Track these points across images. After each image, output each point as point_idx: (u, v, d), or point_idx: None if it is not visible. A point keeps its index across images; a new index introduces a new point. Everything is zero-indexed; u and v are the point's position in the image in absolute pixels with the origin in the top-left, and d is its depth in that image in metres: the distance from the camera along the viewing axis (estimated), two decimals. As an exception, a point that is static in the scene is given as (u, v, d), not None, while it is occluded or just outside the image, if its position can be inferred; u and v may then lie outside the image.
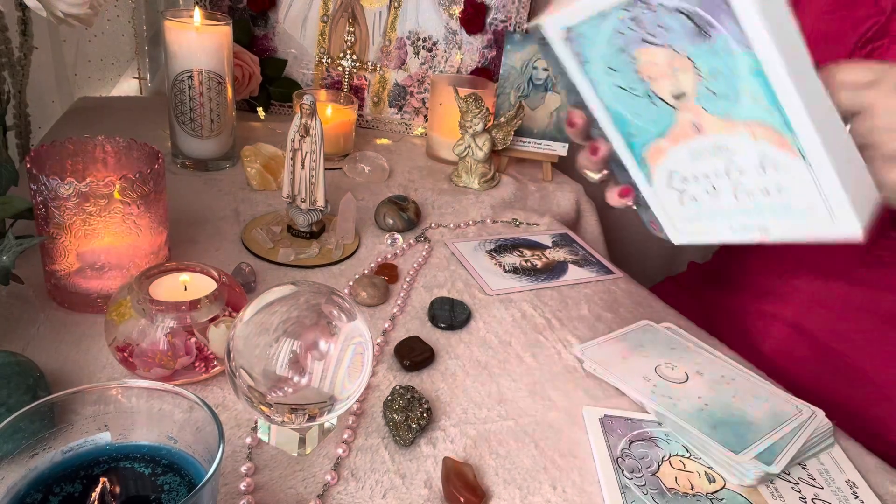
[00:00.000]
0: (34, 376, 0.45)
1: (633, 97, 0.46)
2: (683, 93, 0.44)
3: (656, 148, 0.48)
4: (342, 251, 0.75)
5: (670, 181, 0.49)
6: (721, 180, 0.46)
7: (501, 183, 0.98)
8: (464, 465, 0.48)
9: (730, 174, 0.45)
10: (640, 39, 0.43)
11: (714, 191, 0.47)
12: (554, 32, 0.46)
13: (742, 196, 0.46)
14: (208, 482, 0.31)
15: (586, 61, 0.47)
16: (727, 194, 0.46)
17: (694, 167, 0.47)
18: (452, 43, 1.09)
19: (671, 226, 0.52)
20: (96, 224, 0.55)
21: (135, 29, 1.16)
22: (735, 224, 0.48)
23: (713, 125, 0.44)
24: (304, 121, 0.69)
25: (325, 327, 0.44)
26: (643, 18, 0.42)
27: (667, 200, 0.50)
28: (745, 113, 0.42)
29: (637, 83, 0.46)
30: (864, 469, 0.53)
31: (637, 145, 0.49)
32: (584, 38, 0.45)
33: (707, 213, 0.49)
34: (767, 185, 0.44)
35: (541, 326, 0.67)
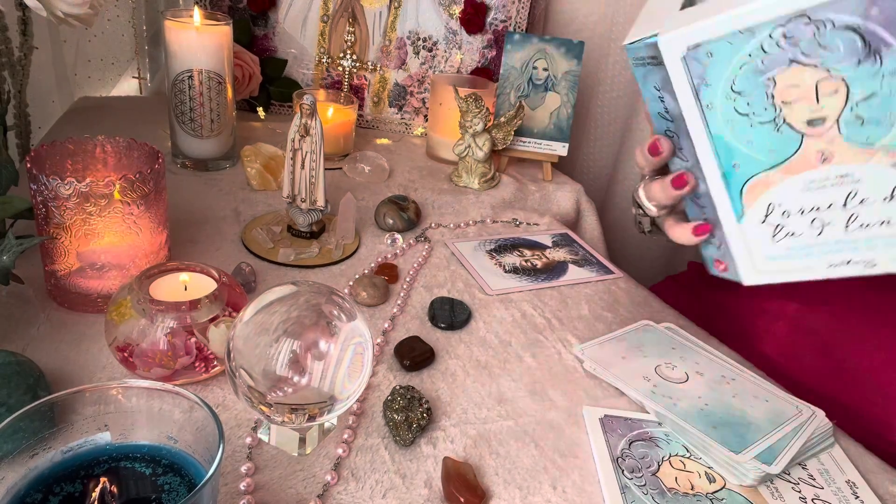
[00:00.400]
0: (34, 376, 0.45)
1: (754, 124, 0.44)
2: (823, 118, 0.42)
3: (763, 180, 0.45)
4: (342, 251, 0.75)
5: (767, 216, 0.47)
6: (833, 212, 0.44)
7: (501, 183, 0.98)
8: (464, 465, 0.48)
9: (847, 205, 0.44)
10: (788, 59, 0.41)
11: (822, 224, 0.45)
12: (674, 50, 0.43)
13: (854, 228, 0.44)
14: (208, 482, 0.31)
15: (706, 84, 0.44)
16: (836, 227, 0.45)
17: (804, 199, 0.45)
18: (452, 43, 1.09)
19: (749, 265, 0.49)
20: (96, 224, 0.55)
21: (135, 29, 1.16)
22: (836, 259, 0.46)
23: (846, 153, 0.42)
24: (304, 121, 0.69)
25: (325, 327, 0.44)
26: (800, 35, 0.39)
27: (755, 237, 0.48)
28: (893, 140, 0.40)
29: (764, 108, 0.43)
30: (864, 469, 0.53)
31: (737, 177, 0.46)
32: (713, 58, 0.42)
33: (803, 250, 0.47)
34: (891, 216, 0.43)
35: (541, 326, 0.67)
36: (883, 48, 0.38)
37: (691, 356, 0.62)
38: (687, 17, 0.43)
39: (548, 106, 0.99)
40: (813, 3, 0.38)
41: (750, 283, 0.50)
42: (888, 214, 0.43)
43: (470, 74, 1.10)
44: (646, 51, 0.44)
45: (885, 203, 0.43)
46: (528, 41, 0.97)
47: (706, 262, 0.52)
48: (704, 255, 0.52)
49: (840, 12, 0.38)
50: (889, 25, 0.37)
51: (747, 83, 0.43)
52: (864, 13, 0.37)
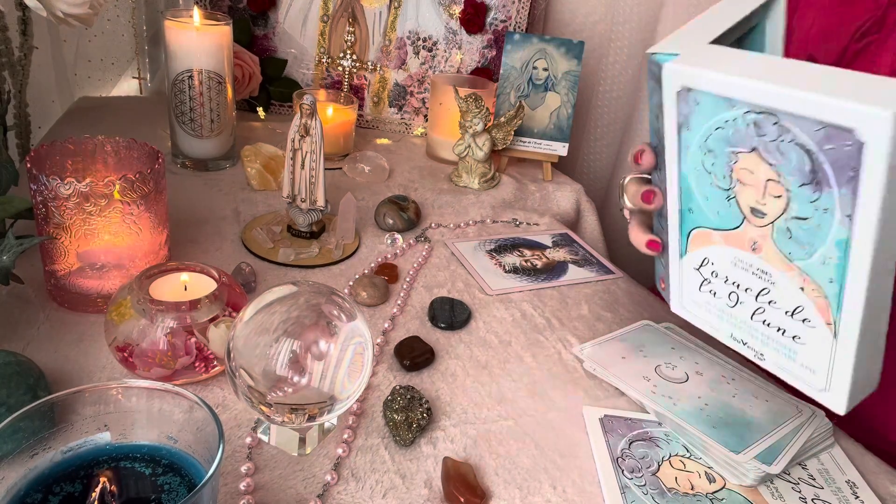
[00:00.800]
0: (34, 376, 0.45)
1: (713, 184, 0.44)
2: (764, 214, 0.42)
3: (706, 235, 0.47)
4: (342, 251, 0.75)
5: (701, 266, 0.48)
6: (748, 297, 0.45)
7: (501, 183, 0.98)
8: (464, 465, 0.48)
9: (759, 298, 0.45)
10: (752, 146, 0.41)
11: (735, 300, 0.46)
12: (672, 81, 0.43)
13: (758, 320, 0.45)
14: (208, 482, 0.31)
15: (687, 127, 0.44)
16: (746, 310, 0.46)
17: (730, 271, 0.46)
18: (452, 43, 1.09)
19: (678, 297, 0.51)
20: (96, 224, 0.55)
21: (135, 29, 1.16)
22: (737, 334, 0.47)
23: (771, 255, 0.43)
24: (304, 121, 0.69)
25: (325, 327, 0.44)
26: (767, 131, 0.40)
27: (687, 278, 0.49)
28: (808, 268, 0.41)
29: (724, 176, 0.43)
30: (864, 469, 0.53)
31: (688, 221, 0.47)
32: (699, 107, 0.43)
33: (716, 310, 0.48)
34: (787, 329, 0.43)
35: (541, 326, 0.67)
36: (825, 184, 0.38)
37: (691, 356, 0.62)
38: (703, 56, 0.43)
39: (548, 106, 0.99)
40: (781, 108, 0.38)
41: (675, 312, 0.52)
42: (785, 326, 0.43)
43: (470, 74, 1.10)
44: (657, 68, 0.45)
45: (785, 315, 0.43)
46: (528, 41, 0.97)
47: (655, 274, 0.54)
48: (656, 268, 0.54)
49: (801, 129, 0.38)
50: (836, 167, 0.37)
51: (717, 146, 0.43)
52: (820, 143, 0.37)
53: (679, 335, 0.66)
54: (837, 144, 0.36)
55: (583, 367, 0.62)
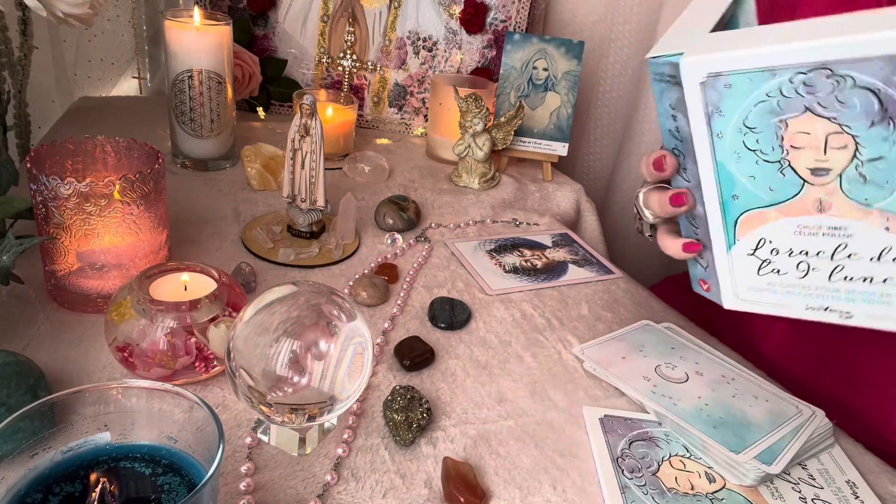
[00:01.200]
0: (34, 376, 0.45)
1: (759, 161, 0.44)
2: (827, 170, 0.42)
3: (759, 216, 0.46)
4: (342, 251, 0.75)
5: (757, 249, 0.47)
6: (821, 260, 0.45)
7: (501, 183, 0.98)
8: (464, 465, 0.48)
9: (835, 257, 0.44)
10: (804, 107, 0.40)
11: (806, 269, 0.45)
12: (695, 75, 0.43)
13: (838, 279, 0.44)
14: (208, 482, 0.31)
15: (719, 113, 0.43)
16: (821, 275, 0.45)
17: (795, 242, 0.45)
18: (452, 43, 1.09)
19: (731, 291, 0.49)
20: (96, 224, 0.55)
21: (135, 29, 1.16)
22: (814, 303, 0.46)
23: (843, 207, 0.42)
24: (304, 121, 0.69)
25: (325, 327, 0.44)
26: (820, 87, 0.39)
27: (741, 267, 0.48)
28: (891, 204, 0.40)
29: (772, 149, 0.43)
30: (864, 469, 0.53)
31: (735, 208, 0.46)
32: (731, 90, 0.42)
33: (785, 288, 0.47)
34: (875, 274, 0.43)
35: (541, 326, 0.67)
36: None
37: (691, 356, 0.62)
38: (714, 43, 0.43)
39: (548, 106, 0.99)
40: (837, 58, 0.38)
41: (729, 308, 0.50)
42: (872, 273, 0.43)
43: (470, 74, 1.10)
44: (667, 68, 0.44)
45: (871, 262, 0.43)
46: (528, 41, 0.97)
47: (692, 279, 0.53)
48: (691, 272, 0.52)
49: (862, 72, 0.38)
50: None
51: (760, 121, 0.42)
52: (886, 78, 0.37)
53: (679, 335, 0.66)
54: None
55: (583, 367, 0.62)
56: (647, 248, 1.28)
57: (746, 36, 0.42)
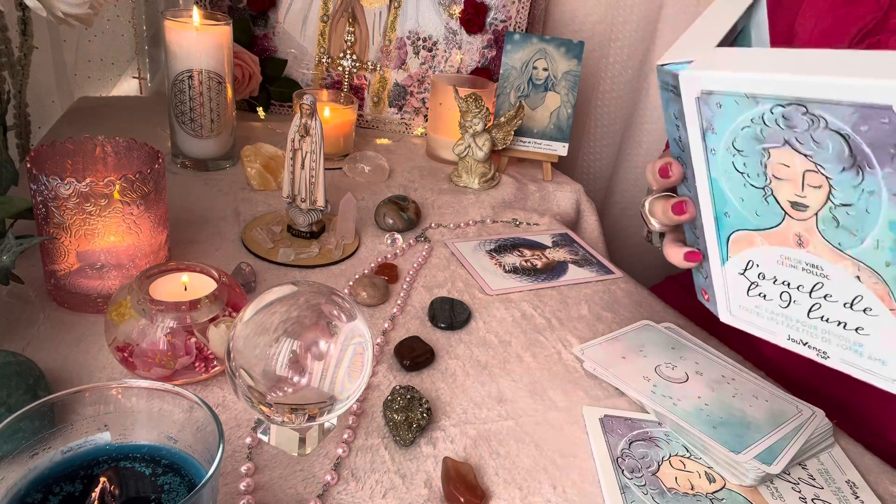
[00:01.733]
0: (34, 376, 0.45)
1: (747, 185, 0.43)
2: (806, 206, 0.41)
3: (747, 238, 0.45)
4: (342, 251, 0.75)
5: (746, 270, 0.47)
6: (801, 294, 0.44)
7: (501, 183, 0.98)
8: (464, 465, 0.48)
9: (813, 294, 0.44)
10: (783, 139, 0.40)
11: (788, 300, 0.45)
12: (690, 88, 0.43)
13: (816, 317, 0.44)
14: (208, 482, 0.31)
15: (712, 131, 0.43)
16: (801, 309, 0.45)
17: (778, 271, 0.45)
18: (452, 43, 1.09)
19: (725, 306, 0.50)
20: (96, 224, 0.55)
21: (135, 29, 1.16)
22: (795, 336, 0.46)
23: (819, 247, 0.42)
24: (304, 121, 0.69)
25: (325, 327, 0.44)
26: (797, 122, 0.39)
27: (733, 284, 0.48)
28: (861, 254, 0.40)
29: (758, 174, 0.43)
30: (864, 469, 0.53)
31: (727, 225, 0.46)
32: (722, 110, 0.42)
33: (769, 313, 0.47)
34: (849, 321, 0.42)
35: (541, 326, 0.67)
36: (866, 166, 0.37)
37: (691, 356, 0.62)
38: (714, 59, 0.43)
39: (548, 106, 0.99)
40: (811, 97, 0.37)
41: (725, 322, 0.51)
42: (846, 319, 0.43)
43: (470, 74, 1.10)
44: (670, 78, 0.44)
45: (844, 308, 0.42)
46: (528, 41, 0.97)
47: (696, 287, 0.53)
48: (695, 280, 0.53)
49: (833, 115, 0.37)
50: (875, 147, 0.36)
51: (746, 145, 0.42)
52: (855, 126, 0.36)
53: (679, 335, 0.66)
54: (874, 124, 0.35)
55: (583, 367, 0.62)
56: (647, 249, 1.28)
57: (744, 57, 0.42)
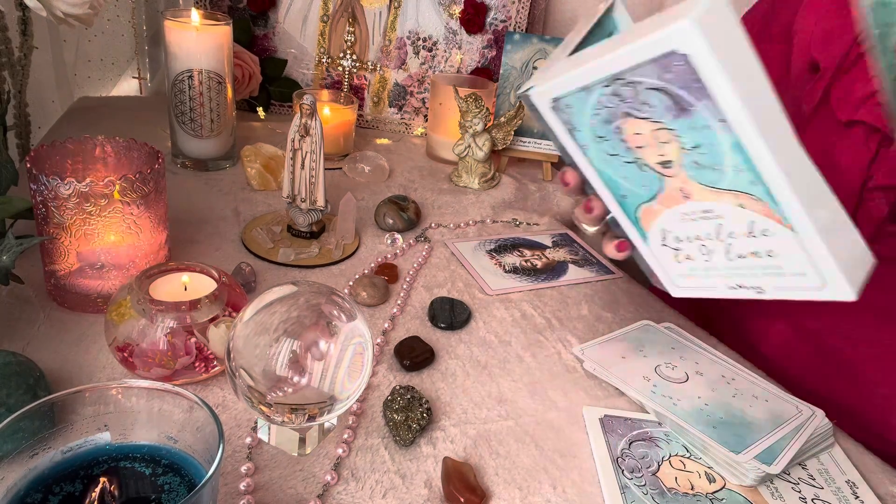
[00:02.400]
0: (34, 376, 0.45)
1: (623, 163, 0.47)
2: (670, 161, 0.44)
3: (649, 210, 0.49)
4: (342, 251, 0.75)
5: (664, 240, 0.50)
6: (713, 242, 0.47)
7: (501, 183, 0.98)
8: (464, 465, 0.48)
9: (721, 237, 0.46)
10: (624, 112, 0.44)
11: (707, 251, 0.47)
12: (542, 102, 0.47)
13: (734, 258, 0.46)
14: (208, 482, 0.31)
15: (575, 129, 0.47)
16: (720, 255, 0.47)
17: (686, 229, 0.47)
18: (452, 43, 1.09)
19: (669, 281, 0.53)
20: (96, 224, 0.55)
21: (135, 29, 1.16)
22: (731, 282, 0.48)
23: (701, 193, 0.44)
24: (304, 121, 0.69)
25: (325, 327, 0.44)
26: (624, 93, 0.42)
27: (663, 257, 0.51)
28: (731, 183, 0.42)
29: (625, 151, 0.46)
30: (864, 469, 0.53)
31: (629, 206, 0.50)
32: (572, 109, 0.46)
33: (702, 272, 0.49)
34: (758, 250, 0.44)
35: (541, 326, 0.67)
36: (688, 106, 0.40)
37: (691, 356, 0.62)
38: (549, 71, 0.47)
39: (548, 106, 0.99)
40: (619, 69, 0.41)
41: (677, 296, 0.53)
42: (755, 248, 0.45)
43: (470, 74, 1.10)
44: (526, 100, 0.49)
45: (749, 238, 0.44)
46: (528, 41, 0.97)
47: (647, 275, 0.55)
48: (643, 268, 0.55)
49: (643, 76, 0.41)
50: (685, 88, 0.39)
51: (603, 130, 0.46)
52: (660, 77, 0.40)
53: (679, 335, 0.66)
54: (673, 69, 0.39)
55: (582, 367, 0.62)
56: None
57: (571, 61, 0.46)
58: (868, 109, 0.60)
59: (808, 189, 0.41)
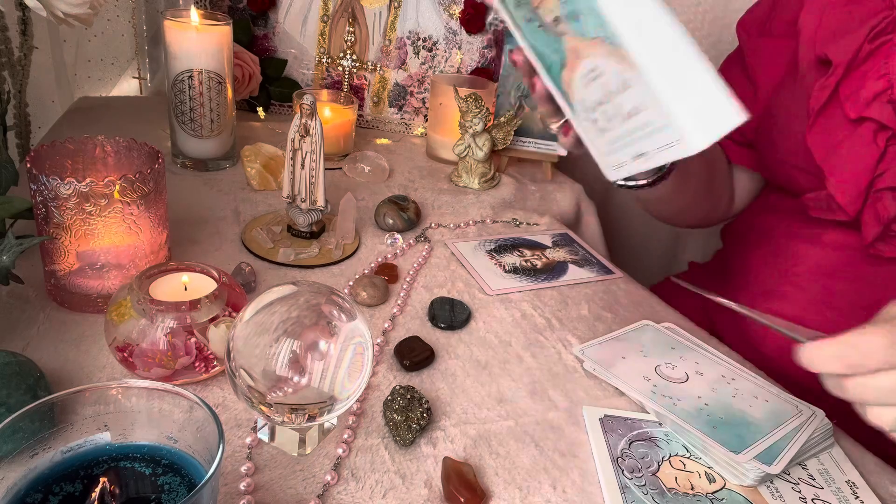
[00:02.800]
0: (34, 376, 0.45)
1: (537, 29, 0.47)
2: (557, 16, 0.44)
3: (566, 77, 0.48)
4: (342, 251, 0.75)
5: (584, 112, 0.49)
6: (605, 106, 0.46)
7: (501, 183, 0.98)
8: (464, 465, 0.48)
9: (609, 99, 0.45)
10: None
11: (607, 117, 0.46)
12: None
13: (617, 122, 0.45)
14: (208, 482, 0.31)
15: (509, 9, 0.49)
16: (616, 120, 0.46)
17: (588, 95, 0.47)
18: (452, 43, 1.09)
19: (602, 161, 0.52)
20: (96, 224, 0.55)
21: (135, 29, 1.16)
22: (631, 151, 0.47)
23: (583, 48, 0.44)
24: (304, 121, 0.69)
25: (325, 327, 0.44)
26: None
27: (589, 132, 0.50)
28: (593, 30, 0.42)
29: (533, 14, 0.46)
30: (864, 469, 0.53)
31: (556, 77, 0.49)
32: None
33: (613, 144, 0.48)
34: (629, 108, 0.43)
35: (541, 326, 0.67)
36: None
37: (691, 356, 0.62)
38: None
39: (548, 106, 0.99)
40: None
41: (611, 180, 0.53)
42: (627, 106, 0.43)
43: (470, 74, 1.10)
44: None
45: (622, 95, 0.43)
46: (528, 41, 0.97)
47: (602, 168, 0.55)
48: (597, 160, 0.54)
49: None
50: None
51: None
52: None
53: (679, 335, 0.66)
54: None
55: (582, 367, 0.62)
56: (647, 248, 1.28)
57: None
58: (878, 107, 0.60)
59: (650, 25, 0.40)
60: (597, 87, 0.45)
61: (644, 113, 0.43)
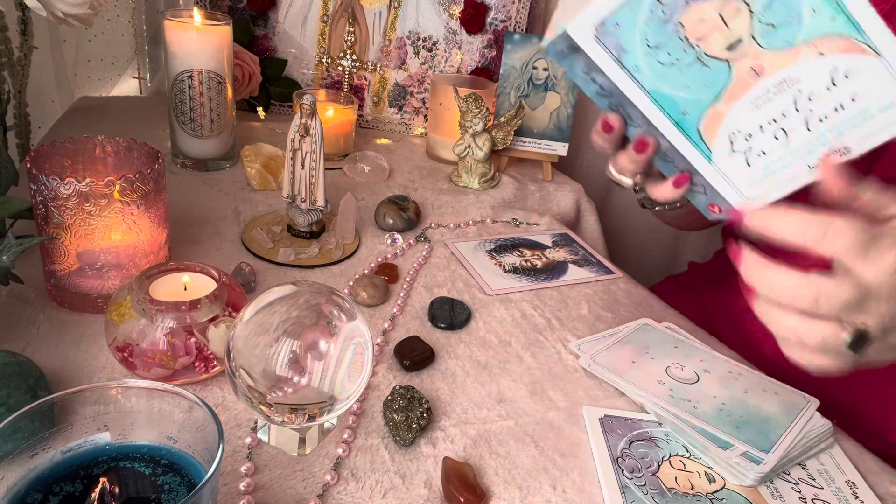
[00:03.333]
0: (34, 376, 0.45)
1: (681, 69, 0.46)
2: (739, 39, 0.44)
3: (713, 114, 0.47)
4: (342, 251, 0.75)
5: (733, 145, 0.48)
6: (790, 118, 0.46)
7: (501, 183, 0.98)
8: (464, 465, 0.48)
9: (799, 106, 0.46)
10: (684, 1, 0.43)
11: (784, 133, 0.47)
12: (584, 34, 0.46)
13: (815, 124, 0.46)
14: (208, 482, 0.31)
15: (624, 51, 0.46)
16: (799, 130, 0.46)
17: (758, 116, 0.47)
18: (452, 43, 1.09)
19: (738, 195, 0.51)
20: (96, 224, 0.55)
21: (135, 29, 1.16)
22: (812, 159, 0.47)
23: (774, 61, 0.44)
24: (304, 121, 0.69)
25: (325, 327, 0.44)
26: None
27: (731, 169, 0.49)
28: (808, 32, 0.43)
29: (683, 51, 0.45)
30: (864, 469, 0.53)
31: (691, 123, 0.48)
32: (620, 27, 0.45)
33: (779, 163, 0.48)
34: (841, 100, 0.45)
35: (541, 326, 0.67)
36: None
37: (695, 353, 0.62)
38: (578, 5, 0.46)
39: (548, 106, 0.99)
40: None
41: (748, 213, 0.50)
42: (838, 99, 0.45)
43: (470, 74, 1.10)
44: (562, 43, 0.47)
45: (830, 91, 0.45)
46: (528, 41, 0.97)
47: (702, 211, 0.53)
48: (697, 205, 0.53)
49: None
50: None
51: (659, 35, 0.45)
52: None
53: (680, 334, 0.66)
54: None
55: (581, 365, 0.62)
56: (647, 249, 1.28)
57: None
58: None
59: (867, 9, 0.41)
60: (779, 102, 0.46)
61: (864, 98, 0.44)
